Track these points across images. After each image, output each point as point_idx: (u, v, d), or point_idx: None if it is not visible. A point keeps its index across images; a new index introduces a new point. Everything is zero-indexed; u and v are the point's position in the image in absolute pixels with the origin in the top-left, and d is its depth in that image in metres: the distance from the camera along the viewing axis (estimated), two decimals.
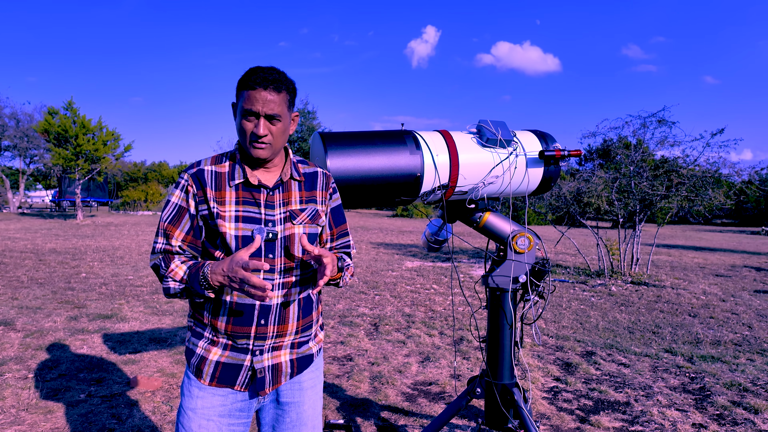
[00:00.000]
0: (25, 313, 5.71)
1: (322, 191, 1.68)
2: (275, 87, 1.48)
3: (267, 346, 1.59)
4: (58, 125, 23.32)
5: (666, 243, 18.66)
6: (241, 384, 1.59)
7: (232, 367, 1.58)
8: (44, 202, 44.29)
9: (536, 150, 2.11)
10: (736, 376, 4.25)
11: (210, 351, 1.59)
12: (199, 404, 1.57)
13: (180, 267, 1.52)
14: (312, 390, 1.71)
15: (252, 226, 1.54)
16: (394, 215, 34.69)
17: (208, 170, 1.58)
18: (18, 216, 25.65)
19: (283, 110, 1.52)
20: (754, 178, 9.67)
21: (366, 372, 4.14)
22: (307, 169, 1.69)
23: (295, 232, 1.59)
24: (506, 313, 2.22)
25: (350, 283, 1.70)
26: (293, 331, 1.62)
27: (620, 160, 9.66)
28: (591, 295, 7.79)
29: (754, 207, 39.74)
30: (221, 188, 1.56)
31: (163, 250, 1.56)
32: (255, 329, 1.56)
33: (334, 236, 1.74)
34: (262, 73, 1.48)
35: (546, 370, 4.31)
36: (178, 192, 1.58)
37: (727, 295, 8.13)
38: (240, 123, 1.52)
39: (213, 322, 1.57)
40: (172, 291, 1.52)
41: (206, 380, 1.58)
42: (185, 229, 1.57)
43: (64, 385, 3.69)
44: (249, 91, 1.47)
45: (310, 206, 1.64)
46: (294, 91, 1.57)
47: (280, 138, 1.55)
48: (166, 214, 1.58)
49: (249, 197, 1.56)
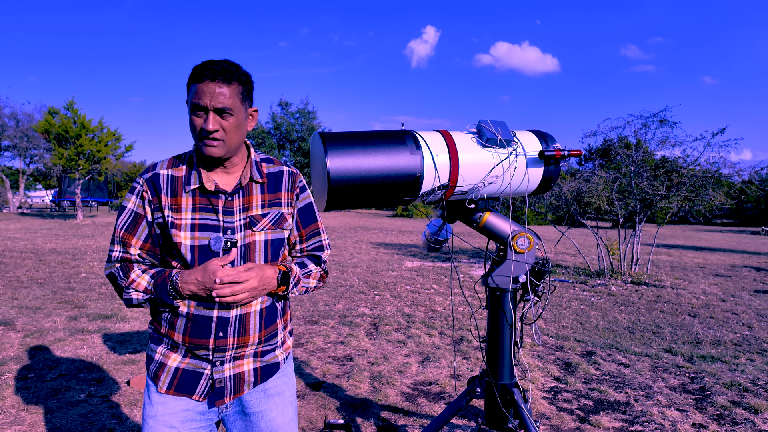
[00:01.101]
0: (25, 313, 5.71)
1: (288, 192, 1.58)
2: (224, 78, 1.38)
3: (228, 356, 1.50)
4: (59, 125, 23.33)
5: (666, 243, 18.66)
6: (201, 393, 1.50)
7: (191, 374, 1.50)
8: (44, 202, 44.31)
9: (536, 150, 2.11)
10: (736, 376, 4.25)
11: (169, 357, 1.51)
12: (159, 411, 1.49)
13: (142, 277, 1.44)
14: (279, 397, 1.61)
15: (209, 235, 1.45)
16: (394, 215, 34.70)
17: (163, 174, 1.48)
18: (18, 216, 25.66)
19: (235, 103, 1.40)
20: (754, 177, 9.66)
21: (366, 372, 4.14)
22: (271, 168, 1.57)
23: (255, 239, 1.49)
24: (506, 313, 2.22)
25: (314, 288, 1.63)
26: (255, 342, 1.53)
27: (621, 160, 9.66)
28: (591, 295, 7.79)
29: (754, 207, 39.74)
30: (177, 194, 1.46)
31: (121, 258, 1.49)
32: (213, 342, 1.48)
33: (303, 237, 1.64)
34: (211, 65, 1.39)
35: (546, 370, 4.31)
36: (133, 198, 1.49)
37: (727, 295, 8.12)
38: (190, 119, 1.42)
39: (170, 333, 1.50)
40: (134, 302, 1.45)
41: (163, 388, 1.50)
42: (143, 237, 1.49)
43: (64, 385, 3.69)
44: (197, 84, 1.38)
45: (273, 210, 1.53)
46: (248, 83, 1.46)
47: (234, 134, 1.43)
48: (122, 221, 1.49)
49: (206, 203, 1.46)
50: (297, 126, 29.55)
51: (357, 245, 14.56)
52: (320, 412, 3.39)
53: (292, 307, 6.41)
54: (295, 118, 29.73)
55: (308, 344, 4.88)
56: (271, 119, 29.65)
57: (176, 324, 1.48)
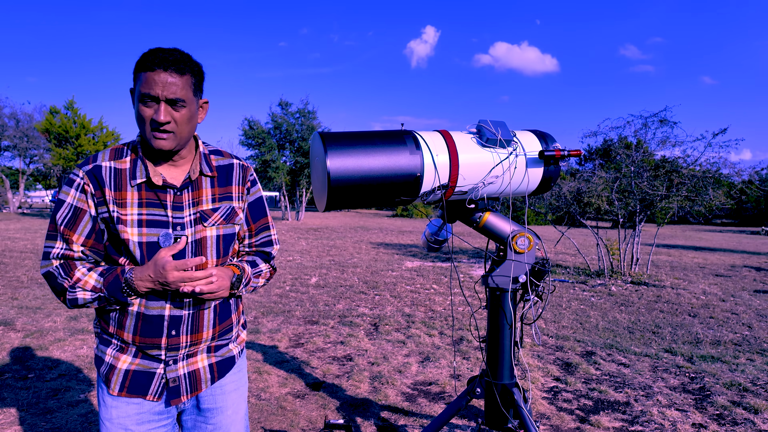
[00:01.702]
0: (25, 313, 5.71)
1: (238, 186, 1.53)
2: (177, 68, 1.32)
3: (181, 354, 1.47)
4: (59, 125, 23.33)
5: (666, 243, 18.66)
6: (154, 393, 1.47)
7: (143, 375, 1.45)
8: (44, 202, 44.30)
9: (536, 150, 2.11)
10: (736, 376, 4.25)
11: (119, 359, 1.46)
12: (114, 414, 1.46)
13: (89, 275, 1.38)
14: (236, 393, 1.60)
15: (158, 231, 1.39)
16: (394, 215, 34.70)
17: (106, 167, 1.40)
18: (18, 216, 25.65)
19: (188, 94, 1.35)
20: (754, 177, 9.66)
21: (366, 372, 4.14)
22: (221, 161, 1.53)
23: (207, 234, 1.45)
24: (506, 313, 2.22)
25: (261, 286, 1.63)
26: (208, 338, 1.50)
27: (621, 160, 9.65)
28: (591, 295, 7.79)
29: (754, 207, 39.74)
30: (122, 188, 1.39)
31: (62, 255, 1.40)
32: (166, 340, 1.43)
33: (253, 232, 1.60)
34: (162, 53, 1.32)
35: (546, 370, 4.31)
36: (72, 191, 1.39)
37: (727, 295, 8.12)
38: (138, 109, 1.34)
39: (119, 332, 1.45)
40: (80, 302, 1.38)
41: (115, 390, 1.45)
42: (85, 233, 1.40)
43: (64, 385, 3.69)
44: (147, 73, 1.31)
45: (224, 204, 1.49)
46: (200, 74, 1.41)
47: (185, 126, 1.37)
48: (62, 215, 1.39)
49: (153, 198, 1.40)
50: (297, 126, 29.54)
51: (357, 245, 14.56)
52: (320, 412, 3.39)
53: (292, 307, 6.42)
54: (295, 118, 29.73)
55: (308, 344, 4.88)
56: (271, 119, 29.65)
57: (125, 323, 1.43)
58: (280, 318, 5.87)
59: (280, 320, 5.77)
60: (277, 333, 5.20)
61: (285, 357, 4.49)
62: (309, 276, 8.90)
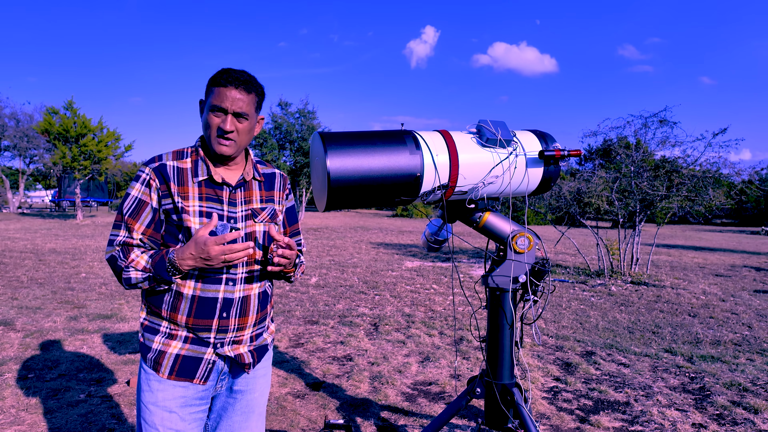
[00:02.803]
0: (25, 313, 5.71)
1: (279, 192, 1.76)
2: (246, 87, 1.54)
3: (228, 339, 1.62)
4: (59, 125, 23.32)
5: (666, 243, 18.66)
6: (201, 377, 1.61)
7: (192, 360, 1.60)
8: (44, 202, 44.29)
9: (536, 150, 2.11)
10: (736, 376, 4.25)
11: (169, 345, 1.60)
12: (159, 397, 1.58)
13: (141, 257, 1.53)
14: (263, 378, 1.77)
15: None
16: (394, 215, 34.69)
17: (170, 165, 1.59)
18: (18, 216, 25.65)
19: (251, 110, 1.57)
20: (754, 177, 9.66)
21: (366, 372, 4.14)
22: (265, 170, 1.75)
23: (256, 229, 1.64)
24: (506, 313, 2.22)
25: (299, 279, 1.76)
26: (252, 323, 1.67)
27: (621, 160, 9.65)
28: (591, 295, 7.79)
29: (754, 207, 39.74)
30: (184, 184, 1.58)
31: (123, 242, 1.56)
32: (217, 322, 1.59)
33: (288, 234, 1.80)
34: (235, 73, 1.54)
35: (546, 370, 4.31)
36: (138, 185, 1.58)
37: (726, 295, 8.12)
38: (207, 118, 1.56)
39: (172, 315, 1.59)
40: (133, 281, 1.53)
41: (165, 373, 1.58)
42: (146, 222, 1.58)
43: (64, 385, 3.69)
44: (220, 88, 1.52)
45: (269, 206, 1.70)
46: (262, 95, 1.62)
47: (245, 136, 1.59)
48: (127, 206, 1.58)
49: (212, 194, 1.60)
50: (297, 126, 29.52)
51: (357, 245, 14.56)
52: (320, 412, 3.39)
53: (292, 307, 6.42)
54: (295, 118, 29.70)
55: (308, 344, 4.88)
56: (271, 119, 29.62)
57: (180, 306, 1.58)
58: (280, 318, 5.87)
59: (280, 320, 5.77)
60: (277, 333, 5.20)
61: (285, 357, 4.49)
62: (309, 276, 8.90)
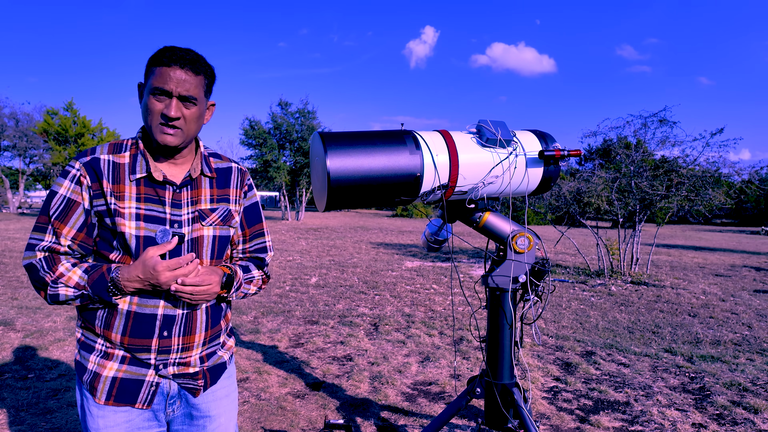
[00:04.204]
0: (25, 313, 5.71)
1: (236, 189, 1.53)
2: (193, 67, 1.34)
3: (172, 360, 1.42)
4: (58, 125, 23.34)
5: (666, 243, 18.66)
6: (143, 401, 1.42)
7: (131, 383, 1.40)
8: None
9: (536, 150, 2.11)
10: (736, 375, 4.25)
11: (104, 366, 1.40)
12: (101, 423, 1.41)
13: (73, 271, 1.33)
14: (227, 399, 1.57)
15: (156, 227, 1.37)
16: (394, 215, 34.70)
17: (104, 159, 1.38)
18: (18, 216, 25.65)
19: (200, 93, 1.37)
20: (753, 177, 9.66)
21: (366, 372, 4.14)
22: (220, 164, 1.53)
23: (204, 234, 1.43)
24: (506, 313, 2.22)
25: (253, 294, 1.59)
26: (200, 342, 1.47)
27: (620, 160, 9.66)
28: (591, 295, 7.79)
29: (754, 207, 39.75)
30: (120, 181, 1.37)
31: (49, 248, 1.36)
32: (157, 342, 1.39)
33: (247, 237, 1.58)
34: (180, 51, 1.34)
35: (546, 370, 4.31)
36: (67, 183, 1.36)
37: (726, 294, 8.13)
38: (147, 102, 1.34)
39: (106, 333, 1.39)
40: (62, 298, 1.33)
41: (101, 399, 1.40)
42: (77, 226, 1.37)
43: (64, 385, 3.69)
44: (162, 68, 1.32)
45: (221, 206, 1.49)
46: (212, 76, 1.43)
47: (193, 124, 1.38)
48: (54, 207, 1.36)
49: (152, 194, 1.39)
50: (297, 126, 29.55)
51: (357, 245, 14.56)
52: (320, 412, 3.39)
53: (292, 307, 6.41)
54: (294, 118, 29.73)
55: (308, 344, 4.88)
56: (271, 119, 29.65)
57: (114, 323, 1.37)
58: (280, 318, 5.87)
59: (280, 320, 5.77)
60: (277, 333, 5.20)
61: (285, 357, 4.49)
62: (309, 276, 8.90)
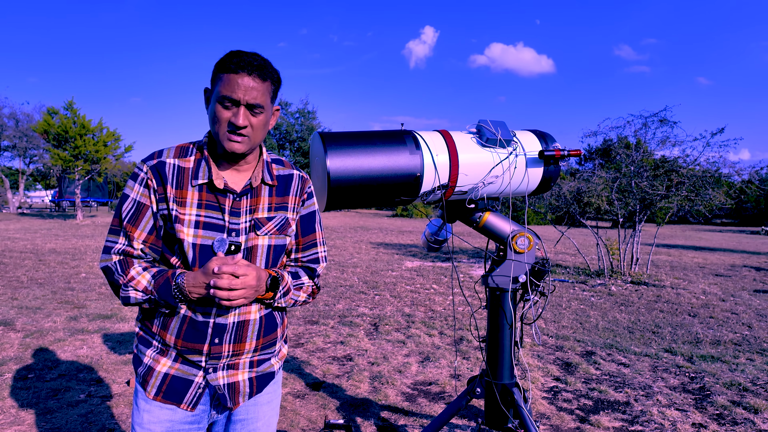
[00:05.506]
0: (25, 313, 5.70)
1: (295, 197, 1.50)
2: (260, 74, 1.30)
3: (222, 364, 1.43)
4: (58, 125, 23.33)
5: (666, 243, 18.66)
6: (189, 403, 1.43)
7: (181, 381, 1.42)
8: (44, 202, 44.29)
9: (536, 150, 2.11)
10: (736, 375, 4.25)
11: (158, 361, 1.43)
12: (145, 419, 1.43)
13: (143, 275, 1.35)
14: (268, 405, 1.56)
15: (213, 234, 1.37)
16: (394, 215, 34.69)
17: (170, 164, 1.38)
18: (18, 216, 25.65)
19: (266, 101, 1.33)
20: (753, 177, 9.66)
21: (366, 372, 4.14)
22: (282, 171, 1.50)
23: (258, 243, 1.41)
24: (506, 313, 2.22)
25: (303, 302, 1.58)
26: (251, 349, 1.46)
27: (620, 160, 9.66)
28: (591, 295, 7.79)
29: (754, 207, 39.76)
30: (183, 187, 1.37)
31: (123, 251, 1.38)
32: (208, 347, 1.40)
33: (301, 246, 1.54)
34: (247, 57, 1.30)
35: (546, 370, 4.31)
36: (137, 186, 1.38)
37: (726, 294, 8.13)
38: (215, 110, 1.32)
39: (162, 333, 1.42)
40: (132, 301, 1.36)
41: (151, 393, 1.42)
42: (147, 229, 1.38)
43: (64, 385, 3.69)
44: (230, 75, 1.29)
45: (279, 214, 1.46)
46: (279, 82, 1.39)
47: (259, 132, 1.37)
48: (126, 210, 1.38)
49: (213, 201, 1.38)
50: (297, 126, 29.57)
51: (357, 245, 14.56)
52: (320, 412, 3.39)
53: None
54: (294, 118, 29.77)
55: (308, 344, 4.88)
56: None
57: (170, 325, 1.40)
58: None
59: None
60: None
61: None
62: None
